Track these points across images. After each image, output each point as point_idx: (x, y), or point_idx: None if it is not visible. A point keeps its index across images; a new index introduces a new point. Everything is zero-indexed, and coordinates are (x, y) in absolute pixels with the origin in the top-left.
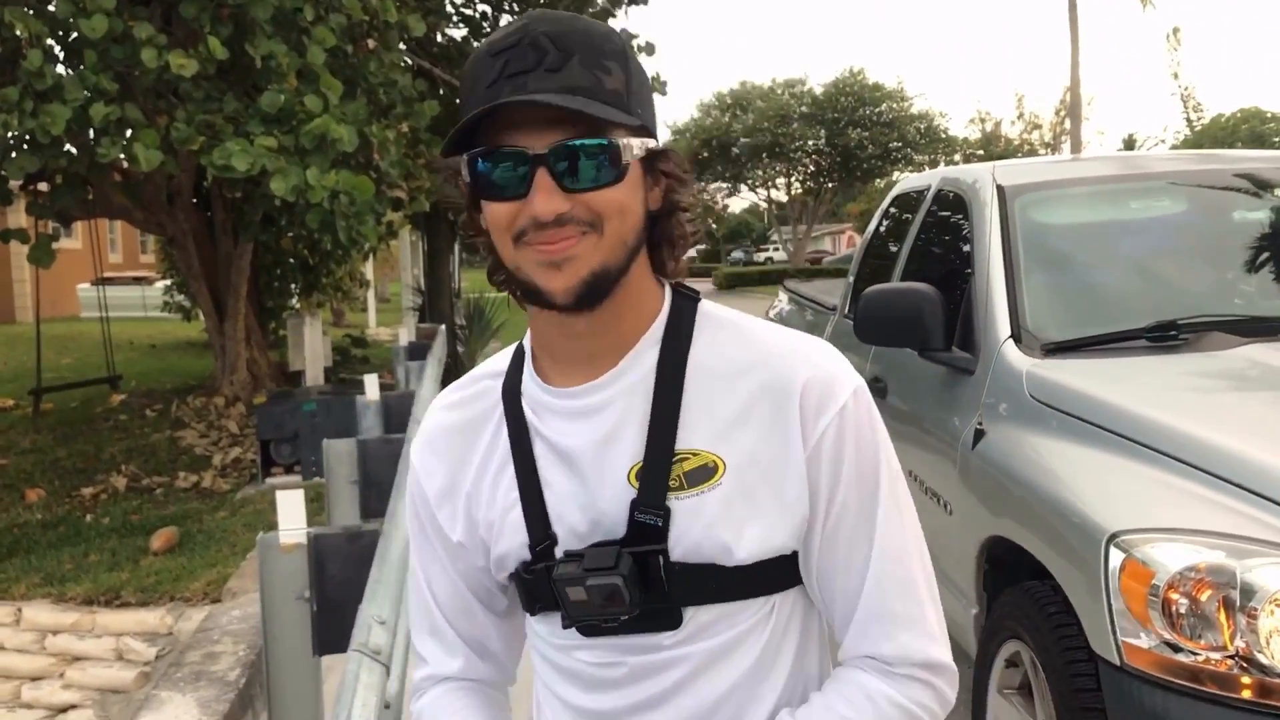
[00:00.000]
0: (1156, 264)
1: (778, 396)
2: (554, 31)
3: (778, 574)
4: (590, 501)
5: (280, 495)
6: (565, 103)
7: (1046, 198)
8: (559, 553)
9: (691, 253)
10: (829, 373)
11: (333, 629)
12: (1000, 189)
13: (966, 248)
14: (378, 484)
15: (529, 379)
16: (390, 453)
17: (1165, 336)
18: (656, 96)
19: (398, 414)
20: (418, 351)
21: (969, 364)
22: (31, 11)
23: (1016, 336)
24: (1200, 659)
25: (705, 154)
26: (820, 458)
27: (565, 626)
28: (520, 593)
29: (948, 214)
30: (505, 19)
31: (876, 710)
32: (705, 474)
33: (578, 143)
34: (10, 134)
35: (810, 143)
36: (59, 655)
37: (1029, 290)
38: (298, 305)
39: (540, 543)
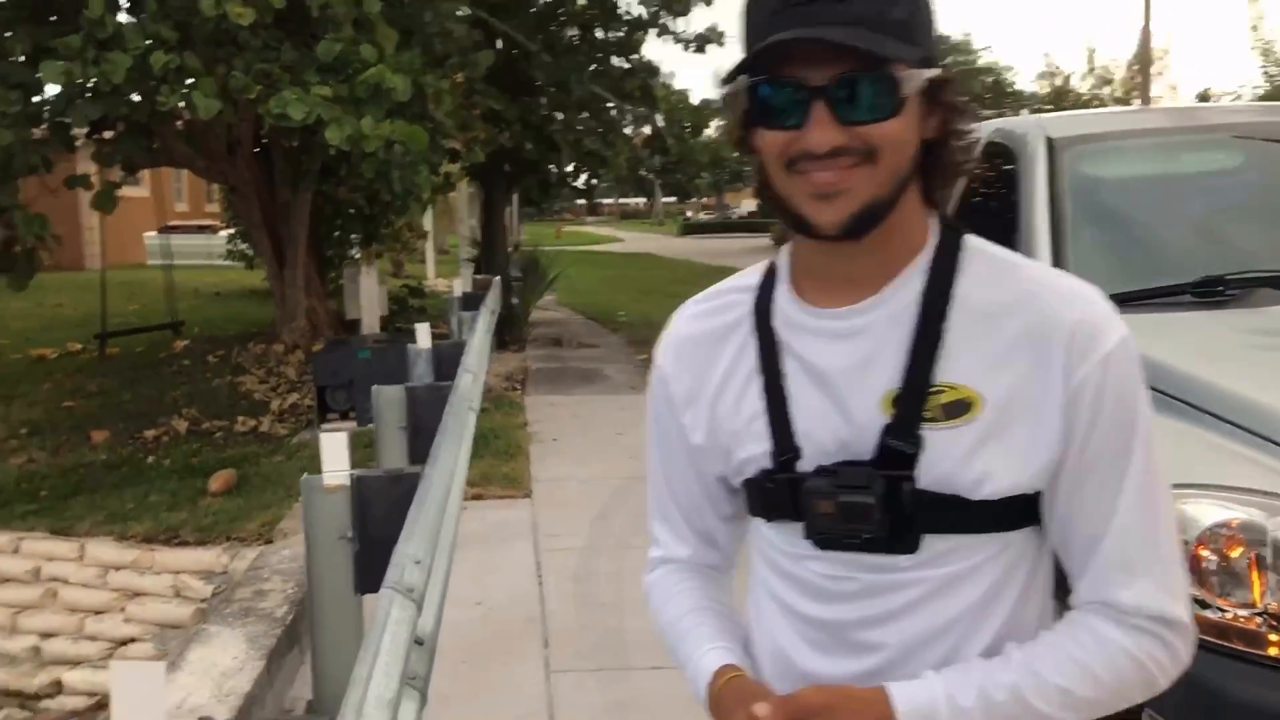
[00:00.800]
0: (1209, 219)
1: (1042, 337)
2: None
3: (1016, 514)
4: (841, 422)
5: (324, 437)
6: (851, 39)
7: (1097, 150)
8: (804, 467)
9: (752, 207)
10: (1097, 317)
11: (374, 568)
12: (1050, 141)
13: (1014, 200)
14: (426, 430)
15: (784, 298)
16: (438, 399)
17: (1212, 292)
18: (716, 49)
19: (448, 362)
20: (471, 302)
21: None
22: None
23: None
24: (1229, 616)
25: None
26: (1079, 403)
27: (805, 537)
28: (755, 500)
29: (997, 166)
30: None
31: (1106, 656)
32: (962, 408)
33: (857, 76)
34: (74, 82)
35: None
36: (120, 590)
37: (1075, 244)
38: (357, 255)
39: (785, 454)
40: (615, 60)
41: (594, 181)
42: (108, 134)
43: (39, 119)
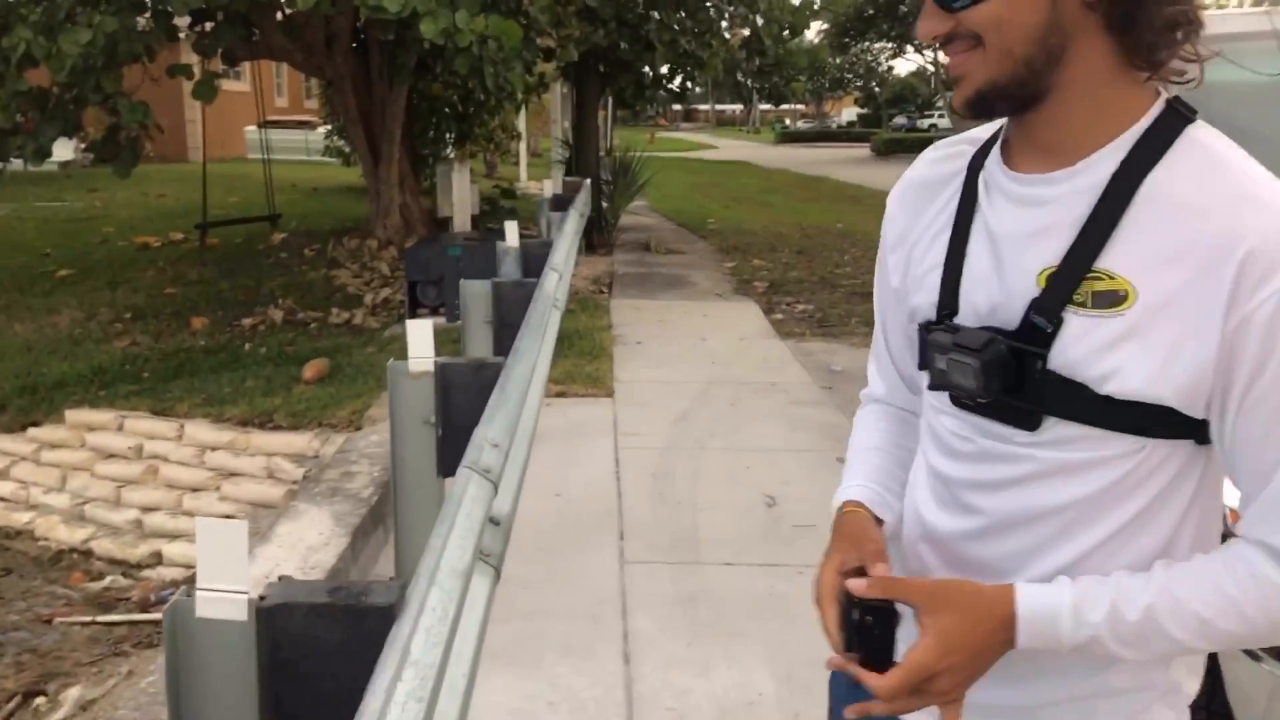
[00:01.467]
0: None
1: (1221, 248)
2: None
3: (1152, 421)
4: (999, 287)
5: (410, 325)
6: None
7: None
8: (961, 323)
9: (853, 116)
10: None
11: (456, 453)
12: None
13: None
14: (510, 325)
15: (993, 158)
16: (523, 295)
17: None
18: None
19: (535, 260)
20: (561, 203)
21: None
22: None
23: None
24: None
25: (871, 11)
26: (1249, 330)
27: (929, 388)
28: (919, 347)
29: None
30: None
31: (1260, 595)
32: (1113, 299)
33: None
34: None
35: None
36: (216, 470)
37: None
38: (451, 154)
39: (946, 308)
40: None
41: (689, 84)
42: (208, 25)
43: (142, 7)
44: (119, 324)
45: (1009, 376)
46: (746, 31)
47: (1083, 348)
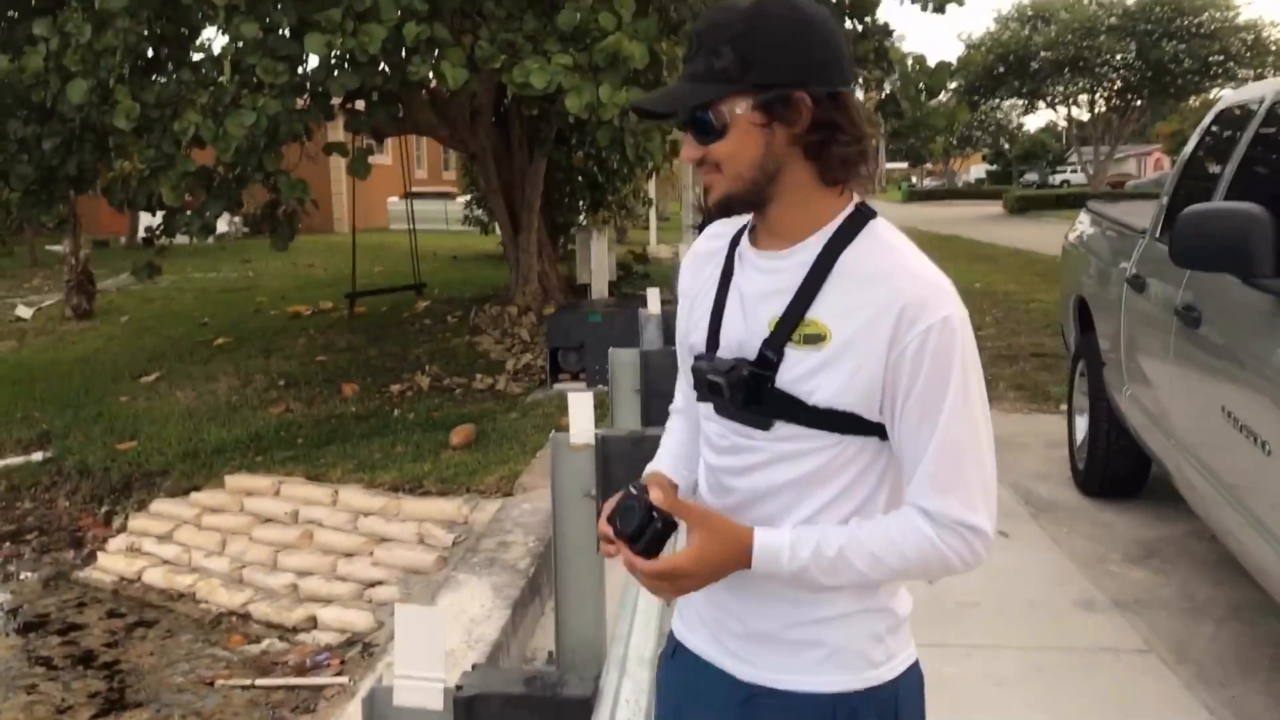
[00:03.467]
0: None
1: (885, 305)
2: (704, 27)
3: (844, 424)
4: (744, 331)
5: (573, 398)
6: (661, 106)
7: None
8: (721, 355)
9: (981, 174)
10: (929, 299)
11: None
12: None
13: None
14: (658, 394)
15: (744, 239)
16: (671, 364)
17: None
18: (953, 8)
19: None
20: None
21: None
22: None
23: None
24: None
25: (1001, 69)
26: (903, 359)
27: (698, 400)
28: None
29: None
30: None
31: (918, 541)
32: (816, 339)
33: (692, 114)
34: (333, 53)
35: (1118, 56)
36: (369, 535)
37: None
38: (585, 221)
39: (711, 343)
40: (848, 23)
41: None
42: (360, 104)
43: (302, 89)
44: (273, 391)
45: (749, 392)
46: (886, 91)
47: (797, 372)
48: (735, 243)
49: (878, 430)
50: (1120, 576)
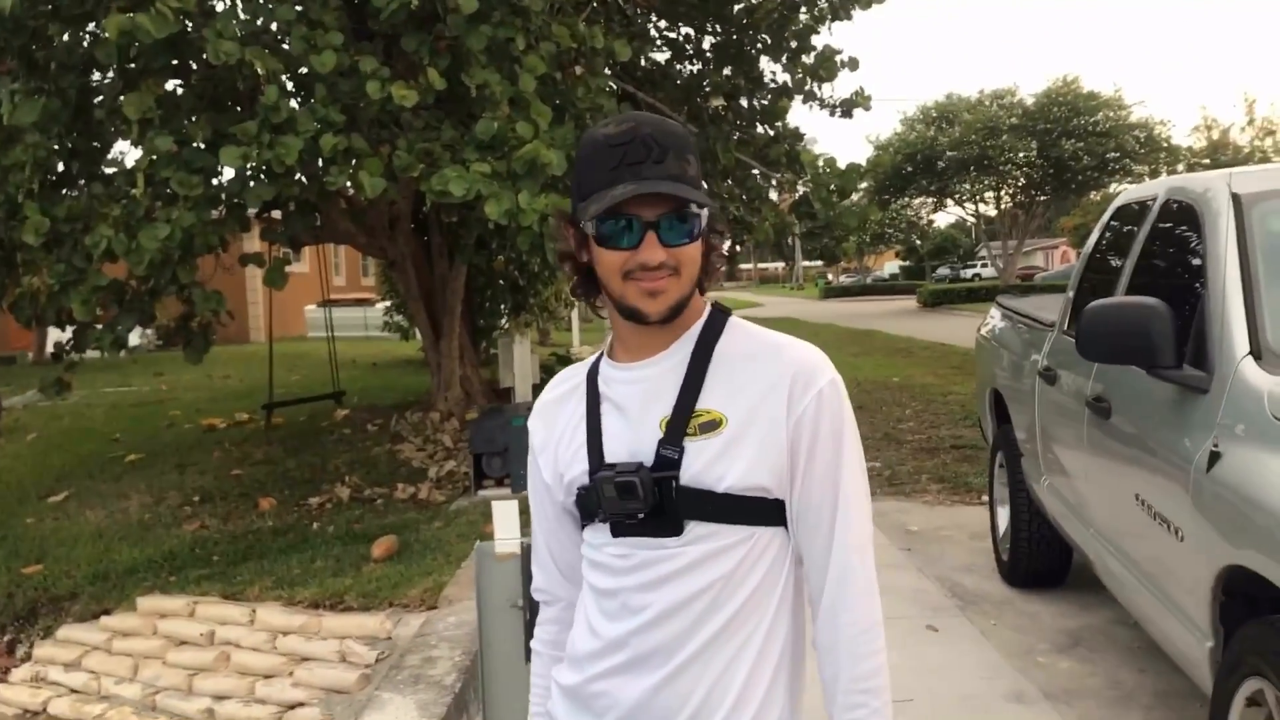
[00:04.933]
0: None
1: (779, 376)
2: (656, 133)
3: (756, 510)
4: (633, 439)
5: (496, 506)
6: (678, 191)
7: None
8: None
9: (894, 269)
10: (813, 364)
11: None
12: (1236, 197)
13: (1197, 261)
14: None
15: (604, 363)
16: None
17: None
18: (860, 111)
19: None
20: None
21: (1202, 382)
22: (268, 51)
23: (1256, 353)
24: None
25: (909, 169)
26: (803, 423)
27: (600, 520)
28: (579, 509)
29: (1176, 225)
30: (707, 41)
31: (873, 638)
32: (712, 425)
33: (674, 214)
34: (249, 165)
35: (1021, 155)
36: (288, 655)
37: (1270, 304)
38: (507, 325)
39: (596, 468)
40: (760, 128)
41: (738, 248)
42: (276, 213)
43: (217, 201)
44: (188, 507)
45: (656, 497)
46: (800, 193)
47: (701, 462)
48: (592, 375)
49: (783, 516)
50: (1049, 667)
